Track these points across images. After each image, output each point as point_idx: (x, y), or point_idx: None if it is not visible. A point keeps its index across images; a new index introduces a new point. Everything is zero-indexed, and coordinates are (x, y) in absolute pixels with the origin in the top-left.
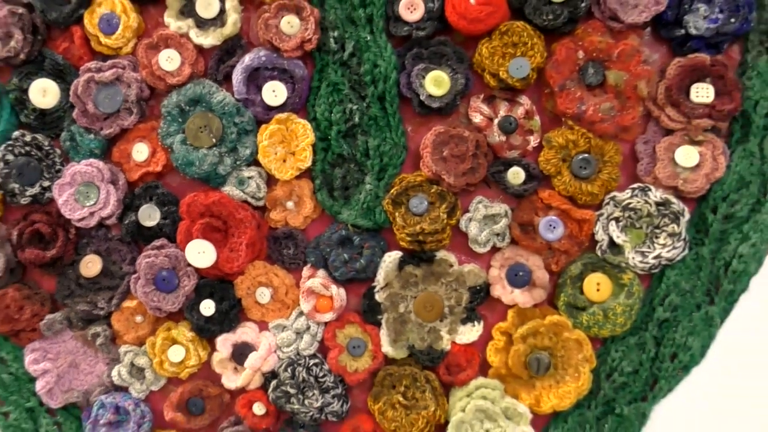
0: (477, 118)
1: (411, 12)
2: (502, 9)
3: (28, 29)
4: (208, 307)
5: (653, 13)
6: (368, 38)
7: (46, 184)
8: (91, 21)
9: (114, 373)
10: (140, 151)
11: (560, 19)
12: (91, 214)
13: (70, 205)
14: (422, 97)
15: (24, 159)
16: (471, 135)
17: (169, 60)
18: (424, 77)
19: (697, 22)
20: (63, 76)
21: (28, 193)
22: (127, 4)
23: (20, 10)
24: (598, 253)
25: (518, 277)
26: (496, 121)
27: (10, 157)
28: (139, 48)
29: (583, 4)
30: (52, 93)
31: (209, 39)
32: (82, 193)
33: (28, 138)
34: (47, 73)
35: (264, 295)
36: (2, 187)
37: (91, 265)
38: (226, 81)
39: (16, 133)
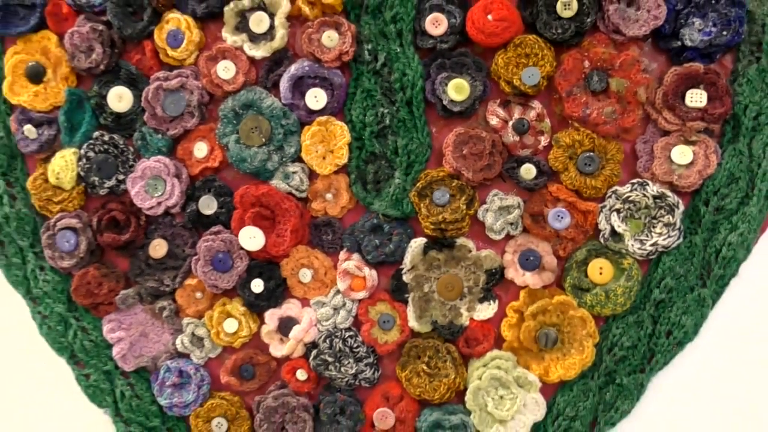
0: (493, 121)
1: (436, 27)
2: (516, 24)
3: (107, 43)
4: (257, 285)
5: (652, 27)
6: (398, 50)
7: (120, 177)
8: (159, 36)
9: (178, 341)
10: (200, 149)
11: (568, 32)
12: (159, 203)
13: (141, 195)
14: (445, 102)
15: (103, 156)
16: (488, 135)
17: (225, 70)
18: (446, 84)
19: (692, 35)
20: (136, 83)
21: (105, 185)
22: (190, 21)
23: (100, 27)
24: (601, 240)
25: (529, 262)
26: (510, 123)
27: (91, 154)
28: (200, 59)
29: (588, 20)
30: (126, 99)
31: (260, 51)
32: (151, 185)
33: (106, 138)
34: (122, 82)
35: (306, 275)
36: (84, 180)
37: (158, 248)
38: (274, 88)
39: (96, 134)
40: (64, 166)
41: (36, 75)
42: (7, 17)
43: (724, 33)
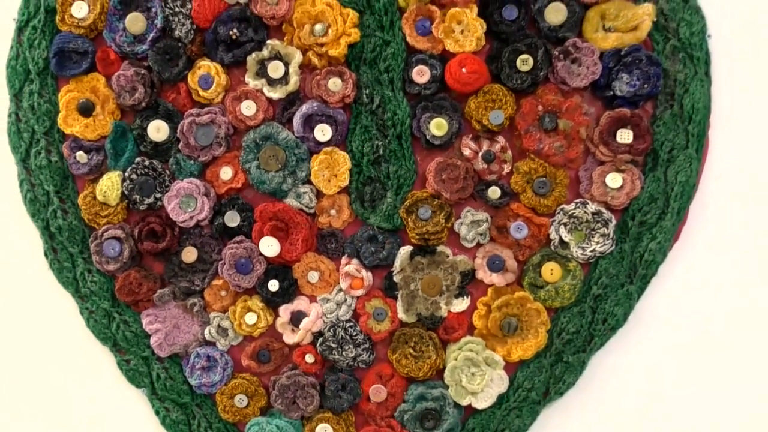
0: (466, 152)
1: (421, 77)
2: (485, 76)
3: (147, 84)
4: (273, 285)
5: (591, 80)
6: (390, 95)
7: (158, 195)
8: (192, 79)
9: (206, 332)
10: (226, 173)
11: (525, 83)
12: (191, 217)
13: (176, 211)
14: (428, 137)
15: (143, 178)
16: (462, 164)
17: (248, 108)
18: (429, 122)
19: (622, 87)
20: (171, 118)
21: (145, 202)
22: (218, 68)
23: (142, 71)
24: (552, 247)
25: (495, 265)
26: (480, 154)
27: (133, 176)
28: (226, 99)
29: (541, 73)
30: (163, 130)
31: (277, 93)
32: (185, 202)
33: (146, 163)
34: (160, 116)
35: (314, 276)
36: (127, 198)
37: (189, 254)
38: (288, 123)
39: (137, 159)
40: (110, 186)
41: (86, 110)
42: (62, 62)
43: (646, 86)
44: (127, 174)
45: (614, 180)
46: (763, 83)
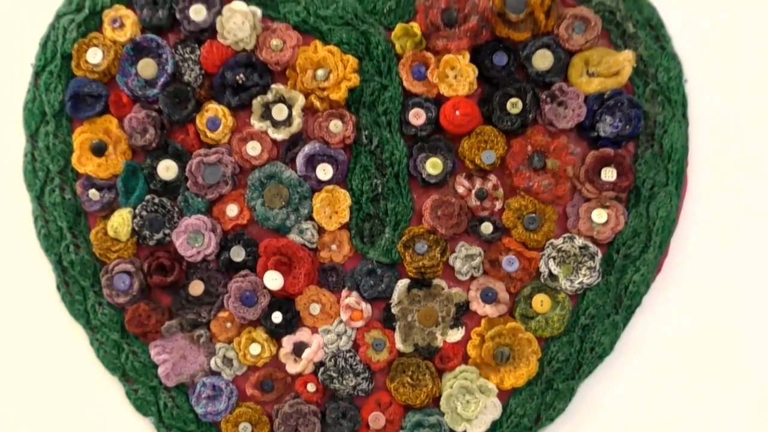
0: (460, 189)
1: (417, 119)
2: (477, 118)
3: (158, 126)
4: (277, 317)
5: (576, 122)
6: (388, 136)
7: (167, 231)
8: (201, 121)
9: (211, 362)
10: (232, 210)
11: (515, 125)
12: (198, 252)
13: (183, 246)
14: (424, 175)
15: (153, 214)
16: (456, 201)
17: (253, 148)
18: (425, 162)
19: (605, 128)
20: (180, 158)
21: (155, 238)
22: (225, 110)
23: (153, 113)
24: (542, 280)
25: (488, 297)
26: (473, 191)
27: (143, 213)
28: (233, 140)
29: (530, 115)
30: (172, 170)
31: (281, 135)
32: (192, 238)
33: (156, 200)
34: (170, 156)
35: (315, 309)
36: (137, 233)
37: (197, 288)
38: (291, 162)
39: (147, 197)
40: (121, 222)
41: (99, 150)
42: (77, 104)
43: (628, 127)
44: (137, 211)
45: (599, 216)
46: (737, 125)
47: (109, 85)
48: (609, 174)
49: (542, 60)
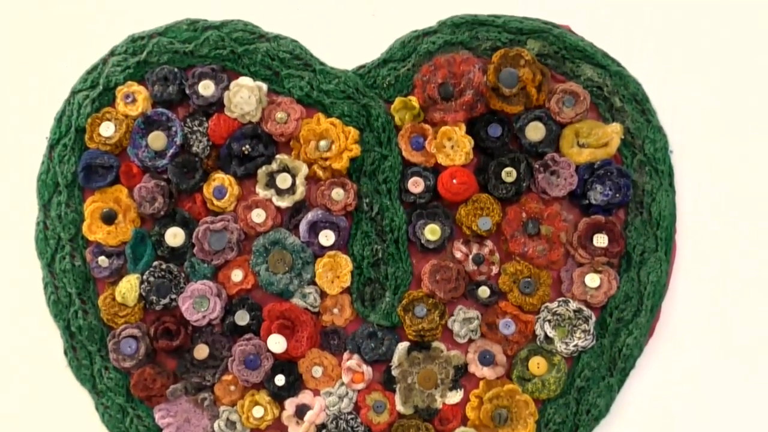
0: (458, 255)
1: (416, 187)
2: (473, 186)
3: (166, 195)
4: (280, 380)
5: (568, 190)
6: (388, 203)
7: (173, 296)
8: (208, 190)
9: (215, 425)
10: (237, 275)
11: (510, 193)
12: (203, 317)
13: (189, 311)
14: (423, 241)
15: (160, 280)
16: (454, 266)
17: (258, 216)
18: (424, 228)
19: (596, 196)
20: (188, 225)
21: (161, 303)
22: (231, 180)
23: (162, 183)
24: (538, 342)
25: (486, 359)
26: (470, 256)
27: (151, 278)
28: (238, 208)
29: (524, 184)
30: (180, 236)
31: (285, 202)
32: (198, 302)
33: (163, 266)
34: (177, 224)
35: (317, 371)
36: (144, 299)
37: (201, 351)
38: (295, 229)
39: (155, 263)
40: (129, 288)
41: (109, 218)
42: (89, 175)
43: (617, 195)
44: (144, 276)
45: (593, 280)
46: (723, 193)
47: (120, 156)
48: (601, 240)
49: (535, 132)
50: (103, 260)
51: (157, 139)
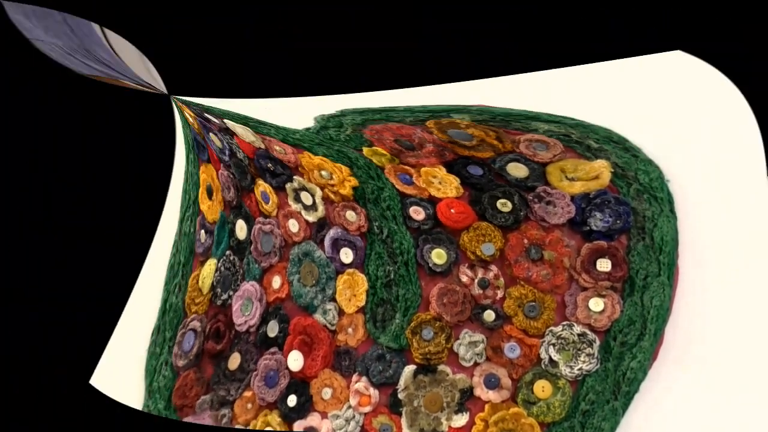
0: (464, 279)
1: (417, 215)
2: (471, 216)
3: (236, 187)
4: (292, 400)
5: (567, 219)
6: (395, 227)
7: (230, 293)
8: (257, 192)
9: None
10: (276, 282)
11: (509, 221)
12: (245, 321)
13: (237, 313)
14: (430, 265)
15: (227, 272)
16: (460, 289)
17: (293, 225)
18: (430, 252)
19: (596, 223)
20: (248, 221)
21: (222, 297)
22: (270, 189)
23: (231, 175)
24: (542, 366)
25: (491, 383)
26: (476, 281)
27: (222, 268)
28: (279, 215)
29: (522, 213)
30: (244, 230)
31: (311, 217)
32: (245, 305)
33: (231, 258)
34: (242, 217)
35: (327, 393)
36: (213, 289)
37: (234, 361)
38: (320, 244)
39: (227, 252)
40: (208, 272)
41: (210, 192)
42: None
43: (618, 222)
44: (219, 264)
45: (596, 304)
46: (724, 217)
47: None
48: (604, 265)
49: (516, 170)
50: (202, 234)
51: (214, 138)
